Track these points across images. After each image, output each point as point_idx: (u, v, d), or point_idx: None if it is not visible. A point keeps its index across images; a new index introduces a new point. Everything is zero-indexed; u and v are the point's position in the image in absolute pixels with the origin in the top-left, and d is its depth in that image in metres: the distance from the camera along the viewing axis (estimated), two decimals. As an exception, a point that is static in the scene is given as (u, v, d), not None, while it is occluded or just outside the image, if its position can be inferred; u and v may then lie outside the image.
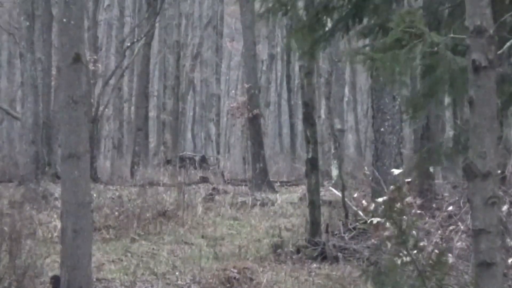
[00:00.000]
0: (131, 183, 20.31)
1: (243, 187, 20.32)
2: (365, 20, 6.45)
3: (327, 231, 11.44)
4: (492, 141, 3.65)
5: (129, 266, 9.93)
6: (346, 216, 12.43)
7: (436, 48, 4.66)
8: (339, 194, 13.43)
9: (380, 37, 6.11)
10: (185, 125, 41.05)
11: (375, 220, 6.45)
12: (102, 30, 35.17)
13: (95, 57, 24.24)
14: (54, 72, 22.43)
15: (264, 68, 34.19)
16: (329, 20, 6.56)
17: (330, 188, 16.38)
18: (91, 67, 22.27)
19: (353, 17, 6.35)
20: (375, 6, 6.30)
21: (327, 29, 6.53)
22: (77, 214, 7.11)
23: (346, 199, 12.66)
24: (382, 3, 6.30)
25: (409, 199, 10.50)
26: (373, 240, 10.31)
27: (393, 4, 6.36)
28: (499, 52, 3.91)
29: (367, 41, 7.09)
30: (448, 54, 4.80)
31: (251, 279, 9.02)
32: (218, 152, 35.71)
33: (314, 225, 11.37)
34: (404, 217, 5.28)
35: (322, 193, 13.02)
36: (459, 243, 8.76)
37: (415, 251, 5.06)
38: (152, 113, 35.75)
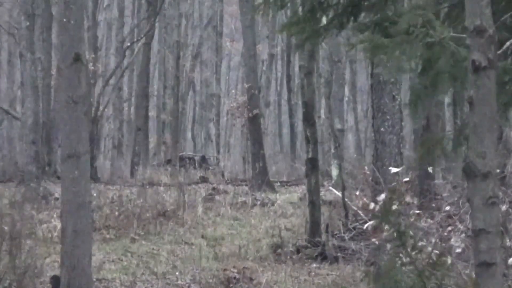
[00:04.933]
0: (131, 183, 20.32)
1: (243, 187, 20.33)
2: (361, 17, 6.45)
3: (327, 231, 11.44)
4: (492, 141, 3.65)
5: (129, 266, 9.94)
6: (346, 216, 12.43)
7: (440, 38, 4.66)
8: (339, 194, 13.43)
9: (377, 33, 6.11)
10: (185, 125, 41.07)
11: (371, 222, 6.44)
12: (102, 30, 35.20)
13: (94, 56, 24.25)
14: (54, 72, 22.43)
15: (264, 68, 34.19)
16: (324, 16, 6.56)
17: (330, 188, 16.38)
18: (91, 67, 22.27)
19: (348, 14, 6.34)
20: (371, 4, 6.29)
21: (321, 25, 6.53)
22: (77, 214, 7.11)
23: (346, 199, 12.66)
24: (378, 1, 6.29)
25: (407, 198, 10.51)
26: (373, 240, 10.33)
27: (389, 2, 6.35)
28: (499, 52, 3.91)
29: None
30: (451, 45, 4.79)
31: (251, 279, 9.02)
32: (218, 152, 35.71)
33: (314, 225, 11.37)
34: (403, 218, 5.27)
35: (322, 193, 13.02)
36: (458, 243, 8.76)
37: (414, 252, 5.06)
38: (152, 113, 35.74)
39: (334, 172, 20.97)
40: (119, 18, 32.75)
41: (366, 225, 10.62)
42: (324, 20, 6.54)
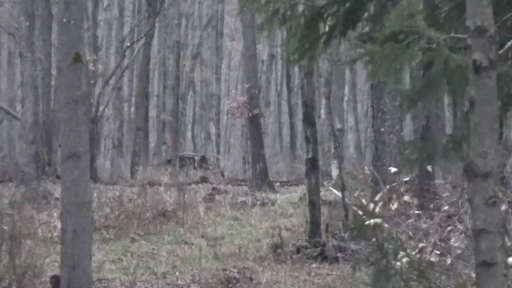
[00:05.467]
0: (131, 183, 20.31)
1: (243, 187, 20.33)
2: (360, 26, 6.45)
3: (327, 231, 11.44)
4: (492, 141, 3.65)
5: (129, 266, 9.93)
6: (346, 216, 12.42)
7: (434, 45, 4.66)
8: (339, 194, 13.42)
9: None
10: (185, 125, 41.08)
11: (372, 221, 6.42)
12: (102, 30, 35.18)
13: (95, 57, 24.25)
14: (54, 72, 22.44)
15: (264, 68, 34.19)
16: (324, 25, 6.56)
17: (330, 188, 16.38)
18: (91, 67, 22.27)
19: (346, 23, 6.34)
20: (369, 14, 6.30)
21: (322, 34, 6.54)
22: (77, 214, 7.11)
23: (346, 199, 12.65)
24: (376, 10, 6.29)
25: (406, 198, 10.52)
26: (373, 240, 10.32)
27: (388, 12, 6.35)
28: (500, 52, 3.91)
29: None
30: (445, 51, 4.79)
31: (251, 279, 9.02)
32: (218, 152, 35.72)
33: (314, 225, 11.37)
34: (402, 218, 5.26)
35: (322, 193, 13.01)
36: (457, 244, 8.76)
37: (397, 261, 5.05)
38: (152, 113, 35.77)
39: (334, 172, 20.97)
40: (119, 18, 32.78)
41: (366, 223, 10.61)
42: (324, 29, 6.55)
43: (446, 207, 10.97)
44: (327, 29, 6.51)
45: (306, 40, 6.36)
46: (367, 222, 10.26)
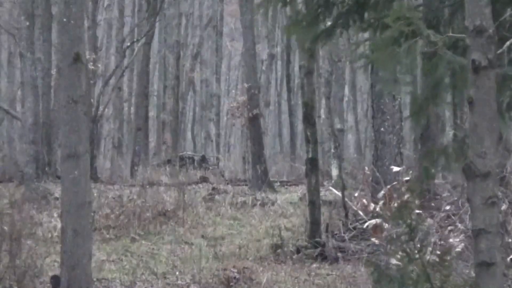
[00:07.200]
0: (131, 183, 20.30)
1: (243, 187, 20.31)
2: (366, 15, 6.41)
3: (327, 231, 11.44)
4: (492, 141, 3.65)
5: (129, 266, 9.93)
6: (346, 216, 12.43)
7: (435, 48, 4.65)
8: (339, 194, 13.43)
9: (380, 32, 6.06)
10: (185, 125, 41.07)
11: (372, 221, 6.44)
12: (102, 30, 35.21)
13: (95, 57, 24.24)
14: (54, 72, 22.43)
15: (264, 68, 34.16)
16: (329, 15, 6.52)
17: (330, 188, 16.36)
18: (91, 67, 22.26)
19: (353, 13, 6.31)
20: (376, 2, 6.26)
21: (327, 25, 6.50)
22: (77, 214, 7.11)
23: (346, 199, 12.65)
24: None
25: (407, 197, 10.53)
26: (373, 239, 10.33)
27: (395, 0, 6.32)
28: (499, 51, 3.91)
29: (366, 35, 7.05)
30: (448, 54, 4.78)
31: (251, 279, 9.02)
32: (218, 152, 35.70)
33: (314, 225, 11.36)
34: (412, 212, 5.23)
35: (322, 193, 13.01)
36: (457, 243, 8.77)
37: (423, 247, 5.04)
38: (152, 113, 35.75)
39: (334, 172, 20.98)
40: (119, 18, 32.73)
41: (366, 224, 10.63)
42: (328, 19, 6.51)
43: (446, 207, 10.99)
44: (330, 19, 6.47)
45: (310, 30, 6.33)
46: (367, 223, 10.26)
